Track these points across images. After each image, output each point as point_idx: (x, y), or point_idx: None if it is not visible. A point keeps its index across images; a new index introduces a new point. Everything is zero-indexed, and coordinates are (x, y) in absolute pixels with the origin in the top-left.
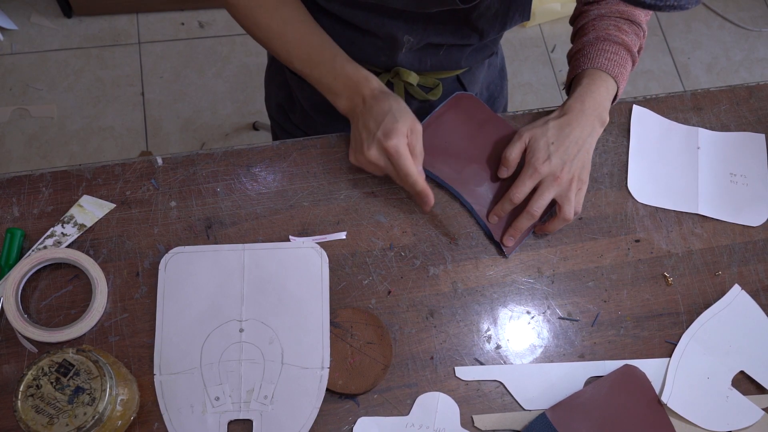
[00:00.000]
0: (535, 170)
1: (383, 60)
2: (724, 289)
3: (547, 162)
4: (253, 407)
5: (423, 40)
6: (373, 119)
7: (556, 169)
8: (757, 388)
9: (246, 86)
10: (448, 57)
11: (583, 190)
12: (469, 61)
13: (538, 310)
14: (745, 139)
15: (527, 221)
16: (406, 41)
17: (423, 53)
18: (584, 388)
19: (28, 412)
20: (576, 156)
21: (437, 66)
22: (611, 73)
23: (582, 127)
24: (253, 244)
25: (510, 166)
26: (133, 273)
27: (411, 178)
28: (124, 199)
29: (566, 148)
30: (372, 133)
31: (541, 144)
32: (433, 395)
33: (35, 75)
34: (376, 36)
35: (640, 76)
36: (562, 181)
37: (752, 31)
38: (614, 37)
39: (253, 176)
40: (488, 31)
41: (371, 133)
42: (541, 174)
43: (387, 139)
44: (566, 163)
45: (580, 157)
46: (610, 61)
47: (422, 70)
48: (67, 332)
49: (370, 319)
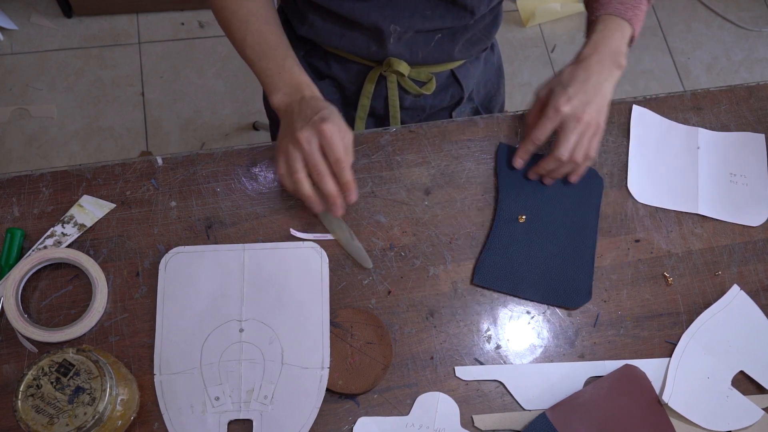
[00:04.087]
0: (556, 110)
1: (374, 51)
2: (724, 289)
3: (568, 103)
4: (253, 407)
5: (410, 29)
6: (310, 109)
7: (578, 109)
8: (757, 388)
9: (246, 86)
10: (440, 48)
11: (599, 136)
12: (462, 53)
13: (538, 310)
14: (745, 139)
15: (553, 163)
16: (392, 30)
17: (414, 43)
18: (584, 388)
19: (28, 412)
20: (595, 98)
21: (429, 58)
22: (625, 17)
23: (599, 72)
24: (253, 244)
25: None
26: (133, 273)
27: (341, 164)
28: (124, 199)
29: (585, 91)
30: (308, 118)
31: (560, 90)
32: (433, 395)
33: (35, 75)
34: (362, 26)
35: (640, 76)
36: (583, 121)
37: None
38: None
39: (253, 176)
40: (477, 6)
41: (307, 118)
42: (563, 114)
43: (323, 122)
44: (587, 105)
45: (598, 100)
46: (623, 4)
47: (414, 62)
48: (67, 332)
49: (370, 319)
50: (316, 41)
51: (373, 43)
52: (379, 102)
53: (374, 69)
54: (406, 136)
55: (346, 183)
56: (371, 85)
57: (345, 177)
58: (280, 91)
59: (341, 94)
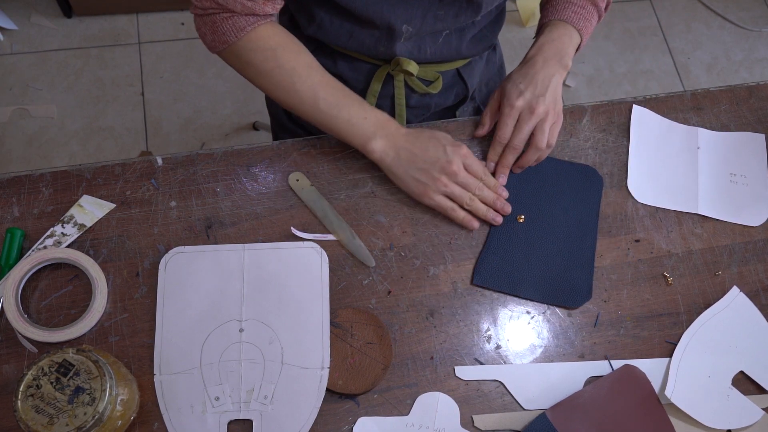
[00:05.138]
0: (511, 107)
1: (382, 51)
2: (724, 289)
3: (520, 97)
4: (253, 407)
5: (422, 30)
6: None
7: (531, 101)
8: (757, 388)
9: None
10: (448, 45)
11: (558, 124)
12: (470, 50)
13: (538, 310)
14: (745, 139)
15: (512, 155)
16: (404, 31)
17: (422, 41)
18: (584, 388)
19: (28, 412)
20: (546, 91)
21: (437, 55)
22: (576, 26)
23: (545, 69)
24: (253, 244)
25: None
26: (133, 273)
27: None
28: (124, 199)
29: (535, 85)
30: (441, 149)
31: (511, 87)
32: (433, 395)
33: (35, 75)
34: (374, 26)
35: (640, 76)
36: (538, 112)
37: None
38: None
39: (253, 176)
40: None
41: (439, 149)
42: (518, 108)
43: (457, 147)
44: (539, 97)
45: (550, 92)
46: (576, 14)
47: (422, 60)
48: (67, 332)
49: (370, 319)
50: (324, 41)
51: (383, 42)
52: (386, 101)
53: (382, 68)
54: None
55: (495, 185)
56: (378, 84)
57: (492, 180)
58: (375, 136)
59: None
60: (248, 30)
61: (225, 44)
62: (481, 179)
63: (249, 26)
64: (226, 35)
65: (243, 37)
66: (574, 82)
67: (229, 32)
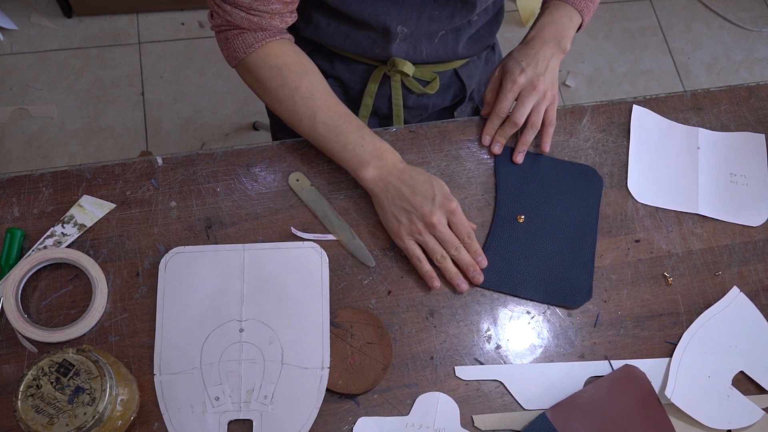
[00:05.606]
0: (513, 82)
1: (378, 52)
2: (724, 289)
3: (523, 74)
4: (253, 407)
5: (417, 31)
6: (420, 184)
7: (533, 78)
8: (757, 388)
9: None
10: (444, 45)
11: (555, 105)
12: (466, 50)
13: (538, 310)
14: (745, 139)
15: (510, 129)
16: (399, 32)
17: (417, 41)
18: (584, 388)
19: (28, 412)
20: (545, 72)
21: (433, 56)
22: (576, 7)
23: (544, 50)
24: (253, 244)
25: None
26: (133, 273)
27: (472, 236)
28: (124, 199)
29: (536, 64)
30: (430, 197)
31: (513, 64)
32: (433, 395)
33: (35, 75)
34: (370, 27)
35: (640, 76)
36: (539, 89)
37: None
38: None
39: (253, 176)
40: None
41: (428, 197)
42: (520, 84)
43: (450, 202)
44: (539, 76)
45: (548, 73)
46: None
47: (418, 61)
48: (67, 332)
49: (370, 319)
50: (321, 42)
51: (378, 43)
52: (383, 101)
53: (378, 69)
54: (407, 136)
55: (477, 251)
56: (375, 85)
57: (475, 246)
58: (369, 165)
59: (345, 93)
60: (257, 46)
61: (236, 60)
62: (463, 241)
63: (257, 43)
64: (236, 51)
65: (252, 53)
66: (574, 82)
67: (239, 48)
